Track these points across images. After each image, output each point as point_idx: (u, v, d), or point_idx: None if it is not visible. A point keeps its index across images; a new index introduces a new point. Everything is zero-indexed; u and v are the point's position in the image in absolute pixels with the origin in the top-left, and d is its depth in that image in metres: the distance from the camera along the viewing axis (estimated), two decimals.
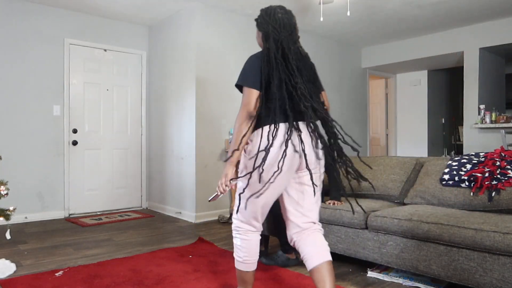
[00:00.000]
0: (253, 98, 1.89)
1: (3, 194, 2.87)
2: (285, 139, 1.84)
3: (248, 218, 1.99)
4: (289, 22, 2.00)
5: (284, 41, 1.95)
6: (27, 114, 4.48)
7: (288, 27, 1.99)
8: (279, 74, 1.90)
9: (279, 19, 1.98)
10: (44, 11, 4.57)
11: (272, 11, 2.00)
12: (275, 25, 1.97)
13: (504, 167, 2.59)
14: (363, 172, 3.28)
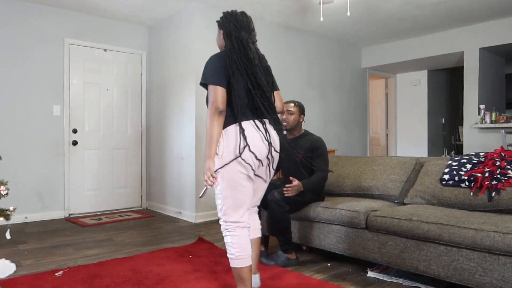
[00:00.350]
0: (219, 95, 2.01)
1: (3, 194, 2.87)
2: (255, 137, 2.03)
3: (233, 214, 2.06)
4: (248, 24, 2.19)
5: (244, 40, 2.11)
6: (27, 114, 4.48)
7: (248, 28, 2.18)
8: (244, 73, 2.05)
9: (240, 20, 2.16)
10: (44, 11, 4.57)
11: (233, 13, 2.20)
12: (236, 24, 2.14)
13: (504, 167, 2.59)
14: (363, 172, 3.28)
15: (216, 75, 2.05)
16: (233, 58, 2.07)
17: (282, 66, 5.42)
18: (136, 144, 5.34)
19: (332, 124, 6.15)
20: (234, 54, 2.08)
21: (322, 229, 2.87)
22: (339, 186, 3.34)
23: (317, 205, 2.92)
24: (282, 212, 2.75)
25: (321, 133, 5.89)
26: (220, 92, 2.02)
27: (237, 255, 2.04)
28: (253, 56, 2.10)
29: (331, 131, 6.12)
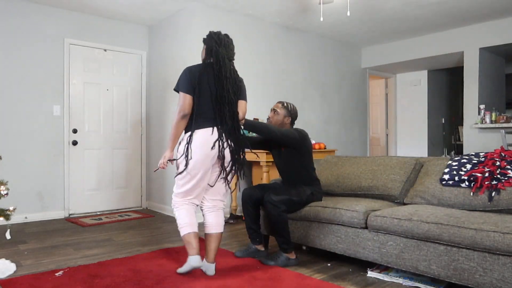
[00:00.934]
0: (187, 102, 2.46)
1: (3, 194, 2.87)
2: (208, 141, 2.46)
3: (182, 195, 2.58)
4: (228, 43, 2.64)
5: (221, 55, 2.54)
6: (27, 114, 4.48)
7: (227, 47, 2.62)
8: (212, 84, 2.49)
9: (221, 39, 2.63)
10: (44, 11, 4.58)
11: (218, 32, 2.69)
12: (218, 41, 2.59)
13: (504, 167, 2.59)
14: (363, 172, 3.28)
15: (186, 85, 2.48)
16: (207, 70, 2.51)
17: (282, 66, 5.42)
18: (136, 144, 5.34)
19: (332, 124, 6.15)
20: (209, 67, 2.52)
21: (322, 229, 2.87)
22: (339, 186, 3.34)
23: (317, 205, 2.92)
24: (278, 212, 2.75)
25: (321, 133, 5.90)
26: (187, 99, 2.47)
27: (182, 224, 2.53)
28: (225, 70, 2.51)
29: (331, 131, 6.12)
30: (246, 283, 2.44)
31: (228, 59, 2.57)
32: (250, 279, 2.51)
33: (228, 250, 3.23)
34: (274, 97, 5.28)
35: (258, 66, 5.13)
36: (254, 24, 5.07)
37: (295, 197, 2.89)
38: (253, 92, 5.05)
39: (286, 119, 3.04)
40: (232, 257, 3.00)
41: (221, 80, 2.49)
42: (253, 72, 5.06)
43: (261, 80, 5.16)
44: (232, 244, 3.45)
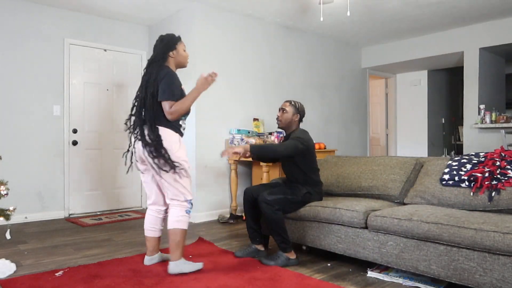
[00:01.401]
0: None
1: (3, 194, 2.87)
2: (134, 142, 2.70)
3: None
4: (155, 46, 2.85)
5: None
6: (27, 114, 4.48)
7: (154, 49, 2.88)
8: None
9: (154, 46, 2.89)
10: (44, 11, 4.58)
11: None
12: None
13: (504, 167, 2.59)
14: (363, 172, 3.28)
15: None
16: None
17: (282, 66, 5.42)
18: None
19: (332, 124, 6.15)
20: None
21: (322, 229, 2.87)
22: (339, 186, 3.34)
23: (316, 205, 2.91)
24: (273, 211, 2.75)
25: (321, 133, 5.90)
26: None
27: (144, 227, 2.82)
28: (144, 77, 2.73)
29: (331, 131, 6.12)
30: (246, 283, 2.44)
31: (150, 63, 2.75)
32: (250, 279, 2.51)
33: (228, 250, 3.23)
34: (274, 97, 5.28)
35: (258, 66, 5.12)
36: (254, 24, 5.07)
37: (290, 196, 2.89)
38: (253, 92, 5.06)
39: (295, 116, 3.07)
40: (232, 257, 3.00)
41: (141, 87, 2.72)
42: (253, 72, 5.06)
43: (261, 80, 5.16)
44: (232, 244, 3.45)
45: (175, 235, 2.59)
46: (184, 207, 2.64)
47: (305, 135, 3.00)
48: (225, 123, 4.74)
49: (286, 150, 2.85)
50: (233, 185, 4.63)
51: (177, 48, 2.81)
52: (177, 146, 2.61)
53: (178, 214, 2.61)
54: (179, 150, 2.62)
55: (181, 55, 2.82)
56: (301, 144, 2.90)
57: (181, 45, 2.86)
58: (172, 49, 2.79)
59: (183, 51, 2.85)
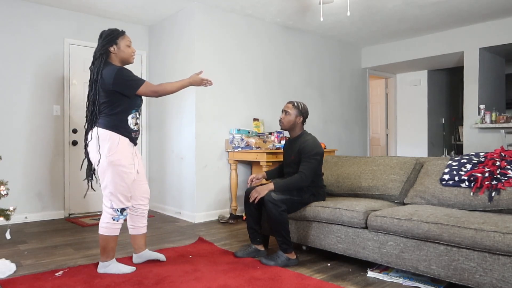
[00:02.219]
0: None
1: (3, 194, 2.87)
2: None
3: None
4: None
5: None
6: (27, 114, 4.48)
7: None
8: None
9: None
10: (44, 11, 4.58)
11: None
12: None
13: (504, 167, 2.59)
14: (363, 172, 3.28)
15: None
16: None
17: (282, 66, 5.42)
18: None
19: (332, 124, 6.15)
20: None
21: (322, 229, 2.87)
22: (339, 186, 3.34)
23: (316, 205, 2.91)
24: (278, 212, 2.75)
25: (321, 133, 5.90)
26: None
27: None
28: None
29: (331, 131, 6.12)
30: (246, 283, 2.44)
31: (94, 60, 2.63)
32: (250, 279, 2.51)
33: (228, 250, 3.23)
34: (274, 97, 5.28)
35: (258, 66, 5.12)
36: (254, 24, 5.07)
37: (296, 196, 2.89)
38: (253, 92, 5.06)
39: (298, 118, 3.04)
40: (232, 257, 3.00)
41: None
42: (253, 72, 5.06)
43: (261, 80, 5.16)
44: (232, 244, 3.45)
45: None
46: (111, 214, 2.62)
47: (317, 146, 2.95)
48: (225, 123, 4.74)
49: (310, 175, 2.88)
50: (233, 185, 4.63)
51: (118, 43, 2.61)
52: (114, 148, 2.54)
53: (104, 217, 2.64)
54: (116, 152, 2.54)
55: (122, 50, 2.63)
56: (318, 161, 2.93)
57: (123, 40, 2.63)
58: (111, 44, 2.59)
59: (126, 47, 2.64)
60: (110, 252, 2.63)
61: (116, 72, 2.49)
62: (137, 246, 2.86)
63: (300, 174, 2.86)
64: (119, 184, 2.55)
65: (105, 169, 2.53)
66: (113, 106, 2.56)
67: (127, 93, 2.54)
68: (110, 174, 2.53)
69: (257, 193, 2.84)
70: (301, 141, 2.98)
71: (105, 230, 2.59)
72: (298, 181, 2.85)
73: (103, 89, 2.53)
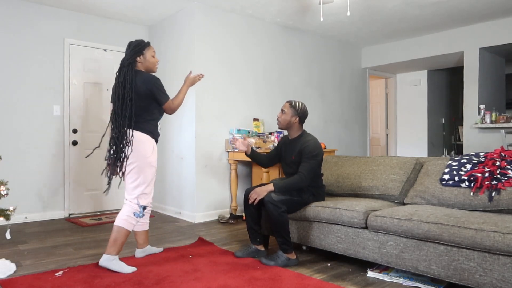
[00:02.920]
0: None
1: (3, 194, 2.87)
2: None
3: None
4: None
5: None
6: (27, 114, 4.48)
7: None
8: None
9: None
10: (44, 11, 4.58)
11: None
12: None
13: (504, 167, 2.59)
14: (363, 172, 3.28)
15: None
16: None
17: (282, 66, 5.42)
18: None
19: (332, 124, 6.15)
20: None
21: (322, 229, 2.87)
22: (339, 186, 3.34)
23: (316, 205, 2.92)
24: (278, 213, 2.75)
25: (321, 133, 5.90)
26: None
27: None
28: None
29: (331, 131, 6.12)
30: (246, 283, 2.44)
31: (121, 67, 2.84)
32: (250, 279, 2.51)
33: (228, 250, 3.23)
34: (274, 97, 5.28)
35: (258, 66, 5.12)
36: (254, 24, 5.07)
37: (296, 197, 2.89)
38: (253, 92, 5.06)
39: (294, 118, 3.01)
40: (232, 257, 3.00)
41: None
42: (253, 72, 5.06)
43: (261, 80, 5.16)
44: (232, 244, 3.45)
45: (114, 230, 2.75)
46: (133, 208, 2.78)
47: (318, 147, 2.94)
48: (225, 123, 4.74)
49: (309, 176, 2.87)
50: (233, 185, 4.63)
51: (145, 53, 2.85)
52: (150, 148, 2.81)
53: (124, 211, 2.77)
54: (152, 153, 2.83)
55: (148, 60, 2.87)
56: (318, 162, 2.92)
57: (149, 51, 2.88)
58: (138, 55, 2.83)
59: (151, 57, 2.89)
60: (119, 246, 2.72)
61: (155, 80, 2.77)
62: (142, 241, 3.02)
63: (299, 175, 2.86)
64: (151, 183, 2.83)
65: (143, 169, 2.75)
66: (149, 112, 2.80)
67: (160, 101, 2.80)
68: (147, 173, 2.76)
69: (257, 194, 2.84)
70: (302, 141, 2.98)
71: (123, 222, 2.72)
72: (297, 181, 2.85)
73: (139, 94, 2.74)
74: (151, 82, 2.75)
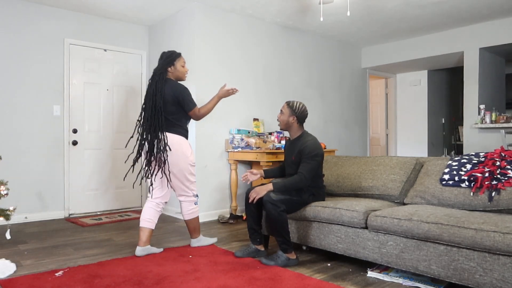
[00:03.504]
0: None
1: (3, 194, 2.87)
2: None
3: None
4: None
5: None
6: (27, 114, 4.48)
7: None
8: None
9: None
10: (44, 11, 4.58)
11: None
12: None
13: (504, 167, 2.59)
14: (363, 172, 3.28)
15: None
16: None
17: (282, 66, 5.42)
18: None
19: (332, 124, 6.15)
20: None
21: (322, 229, 2.87)
22: (339, 186, 3.34)
23: (316, 205, 2.91)
24: (278, 212, 2.75)
25: (321, 133, 5.90)
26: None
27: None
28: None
29: (331, 131, 6.12)
30: (246, 283, 2.45)
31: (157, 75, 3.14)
32: (250, 279, 2.51)
33: (228, 250, 3.23)
34: (274, 97, 5.28)
35: (258, 66, 5.13)
36: (254, 24, 5.07)
37: (295, 197, 2.89)
38: (253, 92, 5.06)
39: (291, 118, 3.01)
40: (232, 257, 3.00)
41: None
42: (253, 72, 5.06)
43: (261, 80, 5.16)
44: (232, 244, 3.45)
45: (187, 224, 3.26)
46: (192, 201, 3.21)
47: (317, 147, 2.93)
48: (225, 123, 4.74)
49: (309, 176, 2.87)
50: (233, 185, 4.63)
51: (175, 64, 3.13)
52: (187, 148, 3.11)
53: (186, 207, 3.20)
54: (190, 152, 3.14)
55: (178, 70, 3.14)
56: (318, 162, 2.92)
57: (179, 62, 3.15)
58: (169, 65, 3.12)
59: (180, 67, 3.15)
60: (198, 230, 3.26)
61: (182, 88, 3.07)
62: (145, 238, 3.09)
63: (299, 175, 2.86)
64: (194, 175, 3.18)
65: (187, 167, 3.09)
66: (184, 119, 3.12)
67: (186, 108, 3.06)
68: (190, 170, 3.13)
69: (256, 193, 2.84)
70: (302, 142, 2.98)
71: (192, 214, 3.20)
72: (297, 182, 2.85)
73: (168, 101, 3.01)
74: (179, 90, 3.03)
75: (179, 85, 3.06)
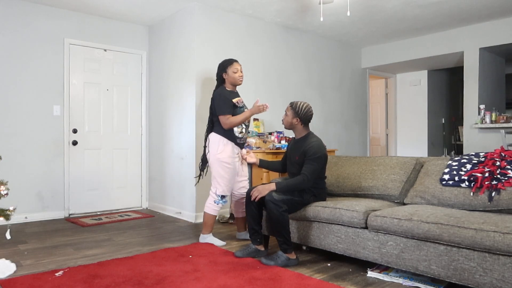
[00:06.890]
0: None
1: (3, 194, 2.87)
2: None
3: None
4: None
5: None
6: (27, 114, 4.48)
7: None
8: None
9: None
10: (44, 11, 4.58)
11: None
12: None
13: (504, 167, 2.59)
14: (363, 172, 3.28)
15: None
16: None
17: (282, 66, 5.42)
18: (136, 144, 5.34)
19: (332, 124, 6.15)
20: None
21: (322, 229, 2.87)
22: (339, 186, 3.34)
23: (317, 205, 2.92)
24: (279, 212, 2.75)
25: (321, 133, 5.90)
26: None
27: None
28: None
29: (331, 131, 6.12)
30: (246, 283, 2.45)
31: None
32: (250, 279, 2.51)
33: (228, 250, 3.23)
34: (274, 97, 5.28)
35: (258, 66, 5.12)
36: (254, 24, 5.07)
37: (297, 197, 2.89)
38: (253, 92, 5.05)
39: (295, 120, 3.01)
40: (232, 257, 3.00)
41: None
42: (253, 72, 5.06)
43: (261, 80, 5.16)
44: (232, 244, 3.45)
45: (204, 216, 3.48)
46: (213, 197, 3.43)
47: (321, 149, 2.92)
48: None
49: (312, 177, 2.88)
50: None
51: (227, 71, 3.38)
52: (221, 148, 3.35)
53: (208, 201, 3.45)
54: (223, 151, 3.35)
55: (230, 76, 3.38)
56: (322, 164, 2.92)
57: (231, 68, 3.37)
58: (223, 72, 3.40)
59: (232, 73, 3.37)
60: (209, 227, 3.43)
61: (218, 95, 3.33)
62: (238, 226, 3.64)
63: (302, 176, 2.86)
64: (222, 175, 3.36)
65: (214, 163, 3.36)
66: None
67: (215, 112, 3.33)
68: (217, 167, 3.35)
69: (258, 192, 2.85)
70: (307, 142, 2.98)
71: (207, 209, 3.42)
72: (300, 182, 2.86)
73: (212, 105, 3.38)
74: (215, 96, 3.34)
75: (217, 91, 3.36)
